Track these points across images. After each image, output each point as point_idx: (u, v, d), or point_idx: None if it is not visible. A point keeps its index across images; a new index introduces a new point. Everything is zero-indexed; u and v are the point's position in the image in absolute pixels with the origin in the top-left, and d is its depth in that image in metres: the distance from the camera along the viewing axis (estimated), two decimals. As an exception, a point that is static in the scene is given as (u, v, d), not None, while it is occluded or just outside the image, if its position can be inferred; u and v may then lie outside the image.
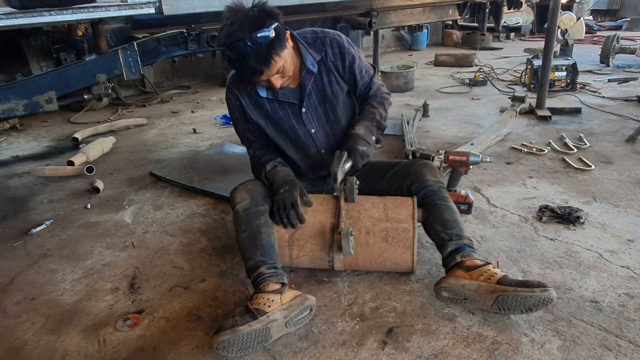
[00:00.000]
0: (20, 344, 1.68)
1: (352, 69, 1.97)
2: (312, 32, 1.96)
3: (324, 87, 1.96)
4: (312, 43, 1.92)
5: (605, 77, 5.36)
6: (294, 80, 1.92)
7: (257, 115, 1.99)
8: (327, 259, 1.89)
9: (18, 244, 2.35)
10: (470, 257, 1.76)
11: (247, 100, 1.97)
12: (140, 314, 1.80)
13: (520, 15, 6.81)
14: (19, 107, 2.13)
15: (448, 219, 1.85)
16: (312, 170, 2.14)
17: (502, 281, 1.65)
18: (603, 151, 3.19)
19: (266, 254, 1.75)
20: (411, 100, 4.89)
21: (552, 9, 3.68)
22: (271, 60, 1.68)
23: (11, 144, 4.03)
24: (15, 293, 1.96)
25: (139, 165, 3.35)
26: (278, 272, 1.73)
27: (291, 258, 1.91)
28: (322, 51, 1.92)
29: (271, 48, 1.67)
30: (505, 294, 1.60)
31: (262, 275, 1.70)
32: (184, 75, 6.30)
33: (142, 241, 2.33)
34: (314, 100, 1.98)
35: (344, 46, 1.94)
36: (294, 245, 1.89)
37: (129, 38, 2.71)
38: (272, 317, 1.58)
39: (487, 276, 1.68)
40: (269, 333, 1.57)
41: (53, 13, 1.96)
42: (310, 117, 2.00)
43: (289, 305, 1.64)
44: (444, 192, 1.93)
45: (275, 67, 1.71)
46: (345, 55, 1.94)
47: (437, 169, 2.04)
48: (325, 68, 1.95)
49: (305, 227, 1.89)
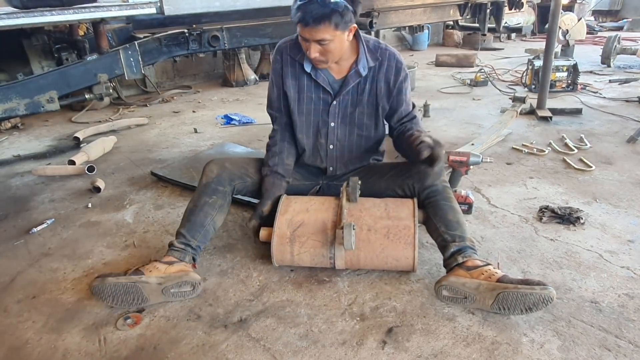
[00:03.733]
0: (21, 342, 1.68)
1: (401, 86, 2.02)
2: (376, 41, 2.02)
3: (364, 93, 2.01)
4: (372, 50, 1.98)
5: (606, 78, 5.37)
6: (340, 73, 1.99)
7: (290, 85, 2.04)
8: (329, 256, 1.89)
9: (19, 243, 2.35)
10: (471, 258, 1.77)
11: (289, 67, 2.02)
12: (141, 313, 1.80)
13: (522, 16, 6.80)
14: (21, 106, 2.13)
15: (451, 219, 1.86)
16: (314, 159, 2.18)
17: (502, 279, 1.66)
18: (604, 152, 3.19)
19: (190, 231, 1.92)
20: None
21: (553, 10, 3.68)
22: (322, 23, 1.72)
23: (12, 143, 4.03)
24: (17, 292, 1.97)
25: (140, 165, 3.35)
26: (186, 250, 1.89)
27: (292, 255, 1.92)
28: (377, 60, 1.97)
29: (332, 15, 1.72)
30: (506, 292, 1.61)
31: (170, 247, 1.90)
32: (185, 75, 6.30)
33: (143, 240, 2.34)
34: (347, 100, 2.03)
35: (402, 63, 2.01)
36: (295, 241, 1.90)
37: (130, 38, 2.71)
38: (145, 279, 1.76)
39: (488, 275, 1.70)
40: (141, 292, 1.76)
41: (55, 13, 1.97)
42: (336, 113, 2.05)
43: (168, 275, 1.79)
44: (449, 192, 1.94)
45: (320, 32, 1.75)
46: (400, 71, 2.00)
47: (442, 169, 2.02)
48: (374, 77, 2.00)
49: (307, 224, 1.90)
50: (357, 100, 2.03)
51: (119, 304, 1.79)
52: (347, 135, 2.11)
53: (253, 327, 1.71)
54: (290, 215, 1.95)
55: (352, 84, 1.99)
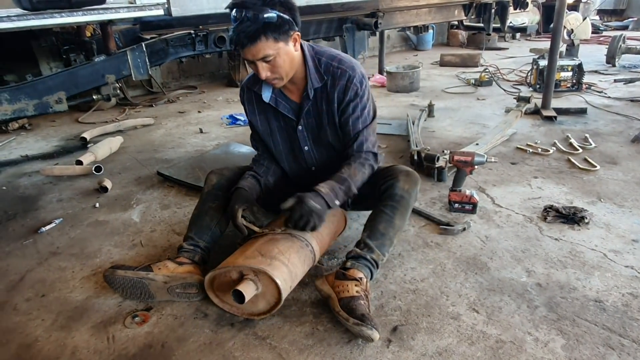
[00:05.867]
0: (31, 340, 1.71)
1: (347, 106, 1.88)
2: (330, 57, 1.88)
3: (321, 114, 1.93)
4: (323, 68, 1.86)
5: (611, 78, 5.35)
6: (298, 95, 1.93)
7: (258, 121, 2.03)
8: (305, 245, 1.82)
9: (28, 242, 2.38)
10: (355, 269, 1.76)
11: (253, 103, 2.00)
12: (149, 311, 1.82)
13: (526, 16, 6.79)
14: (29, 107, 2.16)
15: (379, 229, 1.83)
16: (303, 182, 2.09)
17: (342, 300, 1.68)
18: (608, 151, 3.19)
19: (198, 233, 1.96)
20: (416, 100, 4.90)
21: (558, 9, 3.68)
22: (257, 39, 1.63)
23: (20, 143, 4.07)
24: (26, 290, 2.00)
25: (147, 165, 3.38)
26: (195, 250, 1.93)
27: (289, 269, 1.73)
28: (323, 80, 1.87)
29: (266, 29, 1.63)
30: (334, 312, 1.68)
31: (181, 248, 1.94)
32: (191, 76, 6.33)
33: (150, 240, 2.36)
34: (311, 122, 1.96)
35: (353, 82, 1.85)
36: (280, 258, 1.73)
37: (137, 39, 2.73)
38: (152, 276, 1.81)
39: (341, 290, 1.71)
40: (147, 288, 1.82)
41: (64, 14, 1.99)
42: (305, 136, 2.00)
43: (174, 275, 1.82)
44: (401, 204, 1.85)
45: (260, 48, 1.65)
46: (348, 91, 1.86)
47: (417, 180, 1.91)
48: (326, 97, 1.89)
49: (276, 251, 1.75)
50: (318, 123, 1.95)
51: (128, 296, 1.88)
52: (326, 155, 2.04)
53: (259, 325, 1.72)
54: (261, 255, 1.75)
55: (306, 107, 1.91)
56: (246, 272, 1.67)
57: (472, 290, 1.86)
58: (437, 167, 2.82)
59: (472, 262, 2.04)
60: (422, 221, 2.40)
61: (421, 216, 2.44)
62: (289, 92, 1.94)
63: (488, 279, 1.92)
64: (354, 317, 1.59)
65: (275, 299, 1.69)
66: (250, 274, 1.66)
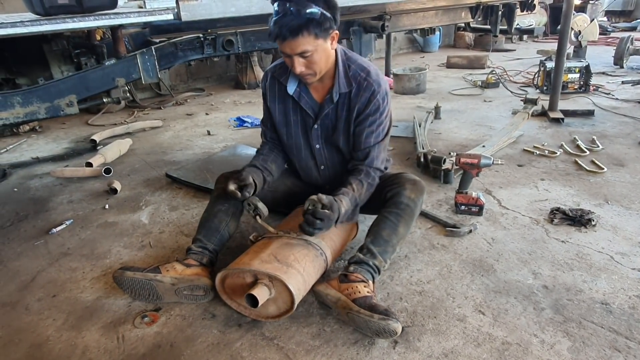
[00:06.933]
0: (42, 339, 1.74)
1: (366, 118, 1.90)
2: (360, 67, 1.90)
3: (339, 120, 1.95)
4: (352, 75, 1.88)
5: (619, 79, 5.33)
6: (322, 95, 1.95)
7: (276, 109, 2.03)
8: (320, 254, 1.85)
9: (39, 243, 2.42)
10: (357, 273, 1.77)
11: (275, 90, 2.01)
12: (158, 311, 1.85)
13: (533, 17, 6.77)
14: (41, 110, 2.19)
15: (382, 236, 1.84)
16: (309, 178, 2.18)
17: (357, 300, 1.66)
18: (615, 153, 3.18)
19: (206, 236, 1.97)
20: (423, 102, 4.91)
21: (565, 11, 3.68)
22: (299, 34, 1.64)
23: (31, 145, 4.13)
24: (37, 290, 2.03)
25: (155, 167, 3.41)
26: (203, 252, 1.94)
27: (304, 279, 1.76)
28: (351, 87, 1.89)
29: (309, 24, 1.64)
30: (352, 313, 1.64)
31: (189, 250, 1.95)
32: (198, 78, 6.38)
33: (159, 241, 2.39)
34: (327, 124, 1.98)
35: (376, 97, 1.88)
36: (296, 266, 1.76)
37: (147, 42, 2.77)
38: (160, 278, 1.83)
39: (351, 292, 1.70)
40: (155, 290, 1.84)
41: (76, 19, 2.01)
42: (319, 135, 2.02)
43: (182, 277, 1.84)
44: (406, 212, 1.88)
45: (300, 44, 1.67)
46: (370, 104, 1.88)
47: (423, 189, 1.94)
48: (348, 105, 1.91)
49: (287, 254, 1.79)
50: (335, 125, 1.97)
51: (137, 297, 1.90)
52: (335, 156, 2.07)
53: (267, 326, 1.74)
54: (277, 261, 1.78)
55: (327, 110, 1.94)
56: (261, 276, 1.69)
57: (478, 292, 1.87)
58: (443, 169, 2.83)
59: (479, 264, 2.05)
60: (428, 223, 2.41)
61: (427, 218, 2.45)
62: (314, 90, 1.96)
63: (494, 281, 1.93)
64: (378, 313, 1.60)
65: (287, 306, 1.72)
66: (265, 279, 1.68)
